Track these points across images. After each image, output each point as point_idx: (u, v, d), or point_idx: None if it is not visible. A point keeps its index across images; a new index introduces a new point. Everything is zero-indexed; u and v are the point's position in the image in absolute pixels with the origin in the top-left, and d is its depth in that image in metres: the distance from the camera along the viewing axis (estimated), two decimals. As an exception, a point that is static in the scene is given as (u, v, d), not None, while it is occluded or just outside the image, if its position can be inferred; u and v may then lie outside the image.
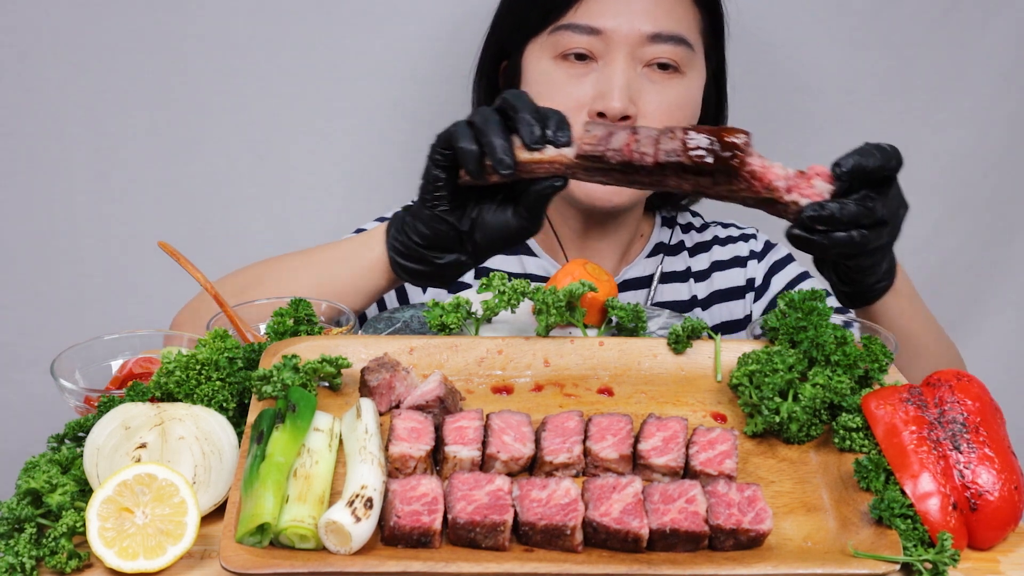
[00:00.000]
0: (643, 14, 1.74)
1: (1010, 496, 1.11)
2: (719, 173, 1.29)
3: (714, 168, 1.28)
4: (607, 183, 1.36)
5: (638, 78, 1.75)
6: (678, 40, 1.76)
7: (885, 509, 1.08)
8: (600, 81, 1.74)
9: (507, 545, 1.06)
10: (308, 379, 1.24)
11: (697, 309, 1.96)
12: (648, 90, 1.76)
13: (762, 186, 1.30)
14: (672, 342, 1.35)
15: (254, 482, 1.07)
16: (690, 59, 1.78)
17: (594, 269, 1.46)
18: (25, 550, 1.07)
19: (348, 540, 1.03)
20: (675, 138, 1.30)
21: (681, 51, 1.76)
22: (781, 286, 1.98)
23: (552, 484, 1.09)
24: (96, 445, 1.16)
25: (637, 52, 1.75)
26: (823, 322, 1.30)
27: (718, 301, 1.98)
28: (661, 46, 1.75)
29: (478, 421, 1.19)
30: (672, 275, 1.98)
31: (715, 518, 1.07)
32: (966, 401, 1.17)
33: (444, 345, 1.35)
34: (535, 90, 1.80)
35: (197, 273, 1.46)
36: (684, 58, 1.77)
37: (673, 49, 1.75)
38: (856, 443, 1.19)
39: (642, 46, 1.74)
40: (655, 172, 1.31)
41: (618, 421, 1.20)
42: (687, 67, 1.78)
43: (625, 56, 1.74)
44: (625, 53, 1.74)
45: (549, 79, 1.78)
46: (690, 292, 1.97)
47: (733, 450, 1.18)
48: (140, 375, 1.38)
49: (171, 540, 1.08)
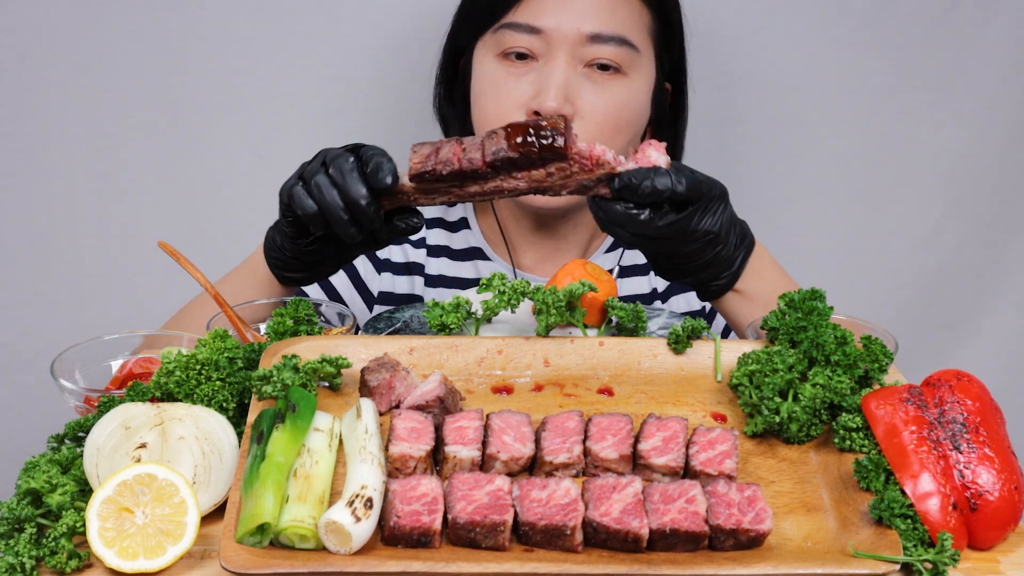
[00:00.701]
0: (584, 14, 1.73)
1: (1010, 496, 1.11)
2: (548, 159, 1.30)
3: (541, 154, 1.30)
4: (449, 202, 1.39)
5: (577, 78, 1.74)
6: (620, 41, 1.74)
7: (885, 509, 1.08)
8: (538, 80, 1.74)
9: (507, 545, 1.06)
10: (308, 379, 1.24)
11: (657, 301, 1.97)
12: (587, 90, 1.74)
13: (593, 162, 1.31)
14: (672, 342, 1.35)
15: (254, 482, 1.07)
16: (634, 60, 1.76)
17: (594, 269, 1.46)
18: (25, 550, 1.07)
19: (348, 540, 1.03)
20: (498, 136, 1.32)
21: (623, 52, 1.74)
22: None
23: (552, 484, 1.09)
24: (96, 445, 1.16)
25: (577, 52, 1.73)
26: (823, 322, 1.30)
27: (678, 292, 1.99)
28: (602, 47, 1.73)
29: (478, 421, 1.19)
30: (632, 268, 1.98)
31: (715, 518, 1.07)
32: (966, 401, 1.17)
33: (444, 345, 1.35)
34: (478, 89, 1.81)
35: (197, 273, 1.46)
36: (626, 59, 1.75)
37: (615, 50, 1.74)
38: (856, 443, 1.19)
39: (582, 46, 1.73)
40: (488, 176, 1.33)
41: (618, 421, 1.20)
42: (630, 68, 1.76)
43: (565, 55, 1.73)
44: (565, 52, 1.73)
45: (491, 79, 1.78)
46: (650, 285, 1.98)
47: (733, 450, 1.18)
48: (140, 375, 1.38)
49: (171, 540, 1.08)
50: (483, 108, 1.81)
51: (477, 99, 1.82)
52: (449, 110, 1.96)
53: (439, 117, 2.00)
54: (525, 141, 1.30)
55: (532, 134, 1.30)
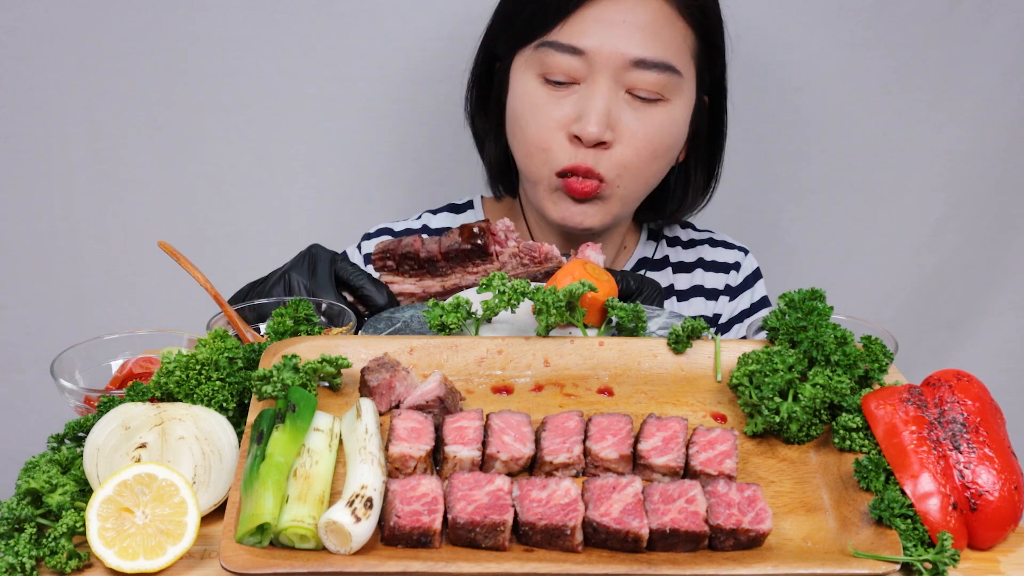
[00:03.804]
0: (629, 37, 1.69)
1: (1010, 496, 1.11)
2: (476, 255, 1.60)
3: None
4: None
5: (619, 103, 1.72)
6: (664, 67, 1.70)
7: (885, 509, 1.08)
8: (579, 103, 1.71)
9: (507, 545, 1.06)
10: (308, 379, 1.24)
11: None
12: (628, 116, 1.72)
13: (542, 257, 1.58)
14: (672, 342, 1.35)
15: (254, 482, 1.07)
16: (676, 85, 1.73)
17: (594, 269, 1.46)
18: (25, 550, 1.07)
19: (348, 540, 1.03)
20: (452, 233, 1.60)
21: (666, 78, 1.71)
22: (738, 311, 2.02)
23: (552, 484, 1.09)
24: (96, 445, 1.16)
25: (620, 76, 1.70)
26: (823, 322, 1.30)
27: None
28: (645, 73, 1.70)
29: (478, 421, 1.19)
30: None
31: (715, 518, 1.07)
32: (966, 401, 1.17)
33: (444, 345, 1.35)
34: (518, 108, 1.78)
35: (197, 273, 1.46)
36: (669, 85, 1.72)
37: (658, 77, 1.70)
38: (856, 443, 1.19)
39: (626, 71, 1.70)
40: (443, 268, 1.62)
41: (618, 421, 1.20)
42: (672, 93, 1.74)
43: (607, 79, 1.70)
44: (607, 76, 1.70)
45: (531, 100, 1.75)
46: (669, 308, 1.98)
47: (733, 450, 1.18)
48: (140, 375, 1.38)
49: (171, 540, 1.08)
50: (523, 129, 1.78)
51: (517, 119, 1.79)
52: (482, 122, 1.94)
53: (472, 131, 1.98)
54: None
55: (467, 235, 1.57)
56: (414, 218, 2.05)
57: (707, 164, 1.94)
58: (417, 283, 1.62)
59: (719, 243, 2.06)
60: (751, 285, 2.03)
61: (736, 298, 2.02)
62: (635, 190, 1.79)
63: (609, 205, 1.78)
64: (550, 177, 1.76)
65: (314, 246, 1.62)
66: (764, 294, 2.04)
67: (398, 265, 1.62)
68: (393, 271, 1.63)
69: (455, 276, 1.60)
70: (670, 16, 1.72)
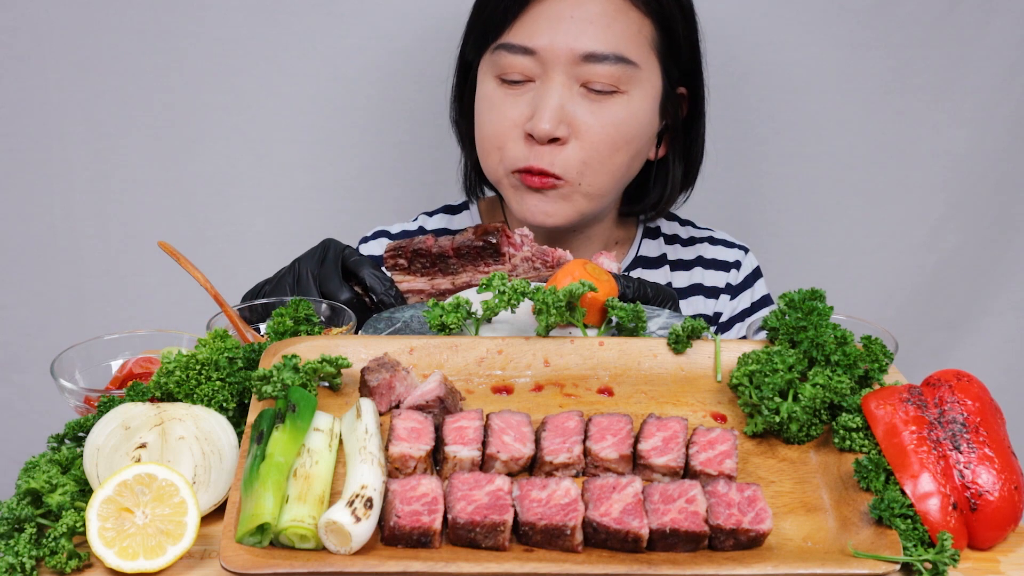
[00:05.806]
0: (578, 31, 1.69)
1: (1010, 496, 1.11)
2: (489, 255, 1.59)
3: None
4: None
5: (574, 98, 1.72)
6: (616, 59, 1.70)
7: (885, 509, 1.08)
8: (534, 101, 1.73)
9: (507, 545, 1.06)
10: (308, 379, 1.24)
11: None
12: (584, 110, 1.72)
13: (554, 261, 1.58)
14: (672, 342, 1.35)
15: (254, 482, 1.07)
16: (632, 76, 1.72)
17: (594, 269, 1.46)
18: (25, 550, 1.07)
19: (348, 540, 1.03)
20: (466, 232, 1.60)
21: (621, 70, 1.71)
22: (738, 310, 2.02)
23: (552, 484, 1.09)
24: (96, 445, 1.16)
25: (573, 71, 1.70)
26: (823, 322, 1.30)
27: None
28: (597, 66, 1.70)
29: (478, 421, 1.19)
30: None
31: (715, 518, 1.07)
32: (966, 401, 1.17)
33: (444, 345, 1.35)
34: (479, 108, 1.81)
35: (197, 273, 1.46)
36: (624, 77, 1.71)
37: (611, 69, 1.70)
38: (856, 443, 1.19)
39: (577, 65, 1.70)
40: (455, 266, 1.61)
41: (618, 421, 1.20)
42: (629, 85, 1.73)
43: (560, 76, 1.71)
44: (560, 72, 1.70)
45: (489, 100, 1.78)
46: None
47: (733, 450, 1.18)
48: (140, 375, 1.38)
49: (171, 540, 1.08)
50: (480, 128, 1.81)
51: (478, 118, 1.82)
52: (463, 123, 1.96)
53: (455, 131, 2.00)
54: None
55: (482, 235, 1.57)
56: (410, 220, 2.06)
57: (685, 156, 1.94)
58: (428, 281, 1.61)
59: (719, 241, 2.06)
60: (751, 284, 2.03)
61: (737, 297, 2.02)
62: (601, 185, 1.78)
63: (574, 202, 1.78)
64: (508, 175, 1.78)
65: (329, 239, 1.62)
66: (765, 292, 2.04)
67: (409, 263, 1.60)
68: (404, 269, 1.61)
69: (466, 274, 1.59)
70: (622, 7, 1.72)
